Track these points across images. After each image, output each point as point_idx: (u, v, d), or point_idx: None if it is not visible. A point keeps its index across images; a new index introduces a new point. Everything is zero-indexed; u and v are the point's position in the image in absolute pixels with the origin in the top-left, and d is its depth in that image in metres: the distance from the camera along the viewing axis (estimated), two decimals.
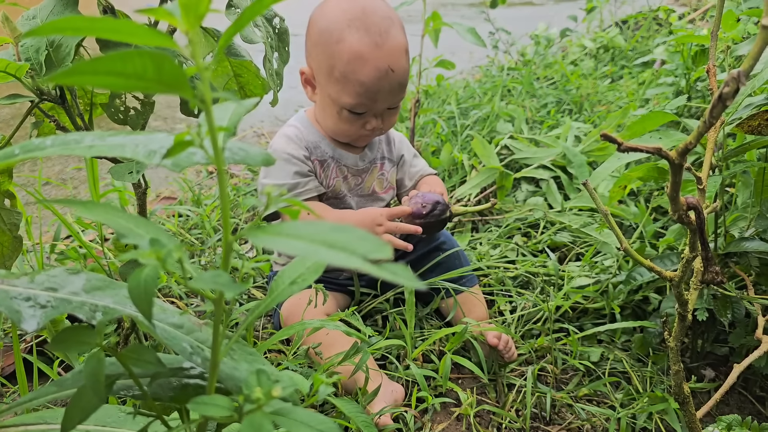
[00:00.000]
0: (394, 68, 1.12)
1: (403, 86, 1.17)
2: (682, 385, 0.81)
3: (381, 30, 1.11)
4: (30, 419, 0.51)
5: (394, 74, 1.13)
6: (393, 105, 1.19)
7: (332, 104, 1.18)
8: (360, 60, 1.10)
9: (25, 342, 1.14)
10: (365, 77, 1.11)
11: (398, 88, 1.15)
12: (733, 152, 1.04)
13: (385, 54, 1.11)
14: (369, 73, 1.11)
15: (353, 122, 1.19)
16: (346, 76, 1.11)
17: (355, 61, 1.10)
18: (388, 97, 1.15)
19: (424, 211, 1.16)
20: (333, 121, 1.21)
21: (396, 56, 1.13)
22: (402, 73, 1.14)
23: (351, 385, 1.03)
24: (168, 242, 0.36)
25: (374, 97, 1.14)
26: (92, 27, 0.32)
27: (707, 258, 0.60)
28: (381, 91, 1.13)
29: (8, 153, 0.40)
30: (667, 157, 0.51)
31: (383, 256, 0.30)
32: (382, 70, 1.11)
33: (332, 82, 1.14)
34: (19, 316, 0.41)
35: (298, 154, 1.21)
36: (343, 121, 1.19)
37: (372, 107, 1.16)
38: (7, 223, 0.83)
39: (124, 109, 0.83)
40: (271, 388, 0.39)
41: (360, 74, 1.11)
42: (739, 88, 0.42)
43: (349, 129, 1.21)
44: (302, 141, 1.23)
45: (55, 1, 0.77)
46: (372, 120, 1.19)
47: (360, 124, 1.19)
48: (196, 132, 0.35)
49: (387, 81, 1.12)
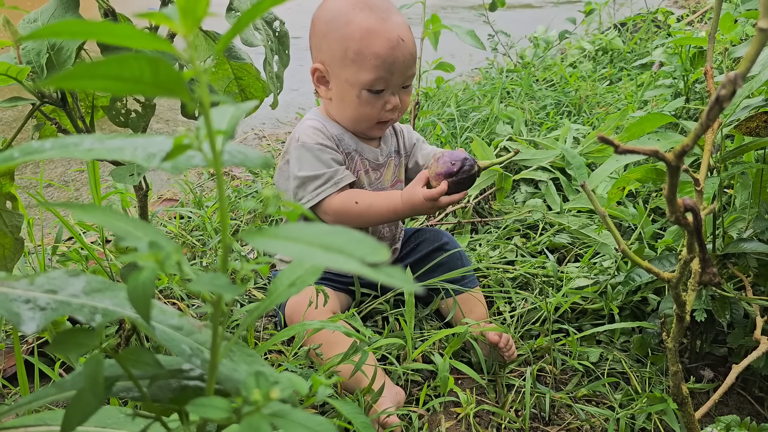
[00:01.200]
0: (404, 38, 1.17)
1: (415, 57, 1.21)
2: (680, 385, 0.81)
3: (383, 8, 1.18)
4: (31, 421, 0.51)
5: (405, 43, 1.17)
6: (407, 80, 1.22)
7: (351, 89, 1.19)
8: (371, 34, 1.15)
9: (27, 343, 1.14)
10: (379, 48, 1.15)
11: (411, 59, 1.19)
12: (731, 154, 1.04)
13: (393, 26, 1.17)
14: (382, 44, 1.15)
15: (374, 103, 1.20)
16: (361, 53, 1.15)
17: (367, 36, 1.15)
18: (403, 68, 1.18)
19: (454, 169, 1.14)
20: (353, 108, 1.22)
21: (403, 28, 1.18)
22: (411, 43, 1.19)
23: (352, 386, 1.04)
24: (167, 245, 0.36)
25: (390, 68, 1.16)
26: (91, 31, 0.33)
27: (704, 259, 0.60)
28: (396, 62, 1.16)
29: (8, 156, 0.41)
30: (664, 159, 0.51)
31: (380, 259, 0.31)
32: (393, 40, 1.15)
33: (348, 65, 1.17)
34: (19, 318, 0.41)
35: (330, 144, 1.22)
36: (364, 103, 1.20)
37: (390, 81, 1.18)
38: (8, 225, 0.84)
39: (125, 111, 0.83)
40: (270, 389, 0.39)
41: (374, 46, 1.15)
42: (735, 91, 0.43)
43: (371, 112, 1.21)
44: (328, 132, 1.23)
45: (56, 5, 0.78)
46: (391, 98, 1.21)
47: (380, 104, 1.20)
48: (194, 135, 0.35)
49: (400, 51, 1.16)
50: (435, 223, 1.70)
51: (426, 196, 1.14)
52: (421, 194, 1.14)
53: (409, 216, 1.22)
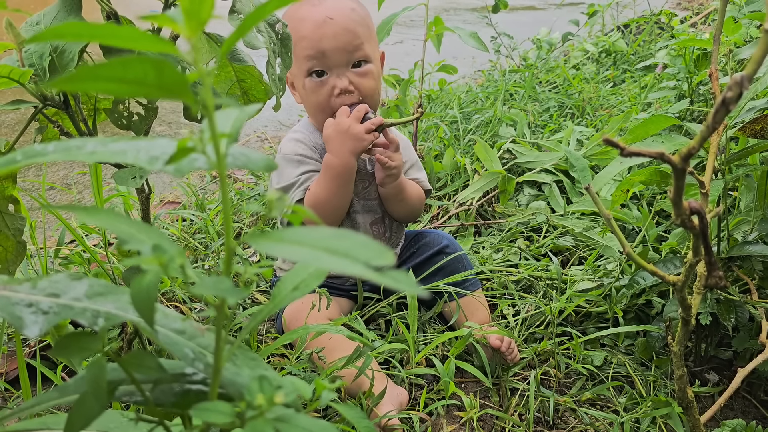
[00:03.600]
0: (332, 16, 1.14)
1: (352, 33, 1.16)
2: (686, 389, 0.81)
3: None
4: (33, 425, 0.51)
5: (333, 21, 1.14)
6: (351, 58, 1.17)
7: (299, 84, 1.19)
8: (300, 21, 1.15)
9: (29, 347, 1.14)
10: (305, 30, 1.14)
11: (344, 33, 1.15)
12: (735, 156, 1.04)
13: (322, 9, 1.15)
14: (307, 26, 1.14)
15: (318, 90, 1.18)
16: (295, 43, 1.11)
17: (297, 24, 1.14)
18: (336, 45, 1.14)
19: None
20: (307, 103, 1.22)
21: (335, 9, 1.16)
22: (344, 20, 1.15)
23: (355, 389, 1.03)
24: (170, 248, 0.36)
25: (319, 47, 1.14)
26: (94, 33, 0.32)
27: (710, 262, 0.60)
28: (324, 39, 1.13)
29: (11, 159, 0.40)
30: (670, 161, 0.51)
31: (386, 262, 0.30)
32: (319, 21, 1.14)
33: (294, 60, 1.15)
34: (21, 322, 0.41)
35: (311, 154, 1.22)
36: (310, 92, 1.19)
37: (326, 63, 1.16)
38: (11, 228, 0.83)
39: (127, 114, 0.83)
40: (274, 394, 0.39)
41: (301, 30, 1.14)
42: (742, 93, 0.42)
43: (318, 99, 1.19)
44: (310, 143, 1.23)
45: (59, 8, 0.77)
46: (336, 81, 1.17)
47: (327, 91, 1.17)
48: (198, 138, 0.35)
49: (328, 28, 1.14)
50: (438, 225, 1.70)
51: (352, 118, 1.14)
52: (329, 122, 1.17)
53: (348, 158, 1.15)
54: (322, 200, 1.17)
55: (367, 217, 1.29)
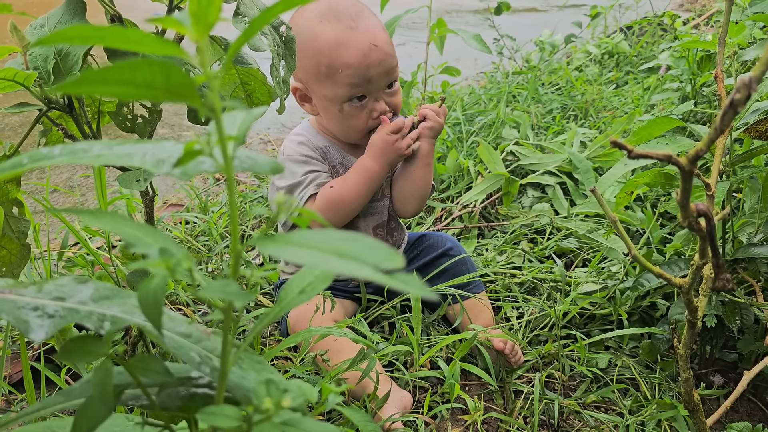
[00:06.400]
0: (376, 42, 1.13)
1: (392, 57, 1.16)
2: (692, 392, 0.81)
3: (352, 15, 1.13)
4: (38, 429, 0.51)
5: (378, 48, 1.13)
6: (389, 83, 1.18)
7: (332, 105, 1.17)
8: (340, 46, 1.11)
9: (33, 350, 1.14)
10: (350, 59, 1.11)
11: (388, 59, 1.15)
12: (740, 158, 1.04)
13: (362, 33, 1.12)
14: (353, 54, 1.11)
15: (358, 115, 1.18)
16: (333, 66, 1.11)
17: (336, 48, 1.11)
18: (381, 72, 1.14)
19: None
20: (338, 123, 1.20)
21: (374, 32, 1.14)
22: (385, 45, 1.14)
23: (359, 392, 1.03)
24: (177, 251, 0.36)
25: (366, 75, 1.13)
26: (101, 36, 0.32)
27: (718, 265, 0.60)
28: (371, 67, 1.13)
29: (17, 162, 0.40)
30: (677, 164, 0.50)
31: (395, 265, 0.30)
32: (364, 48, 1.11)
33: (323, 81, 1.14)
34: (27, 326, 0.41)
35: (315, 155, 1.21)
36: (348, 117, 1.18)
37: (369, 88, 1.15)
38: (15, 231, 0.83)
39: (131, 117, 0.83)
40: (281, 398, 0.38)
41: (345, 58, 1.11)
42: (750, 94, 0.42)
43: (357, 123, 1.19)
44: (313, 145, 1.23)
45: (63, 11, 0.77)
46: (375, 105, 1.17)
47: (365, 114, 1.18)
48: (205, 141, 0.35)
49: (374, 56, 1.12)
50: (441, 228, 1.70)
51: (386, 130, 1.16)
52: (376, 132, 1.17)
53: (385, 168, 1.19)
54: (347, 199, 1.18)
55: (370, 221, 1.29)
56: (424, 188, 1.27)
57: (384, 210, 1.29)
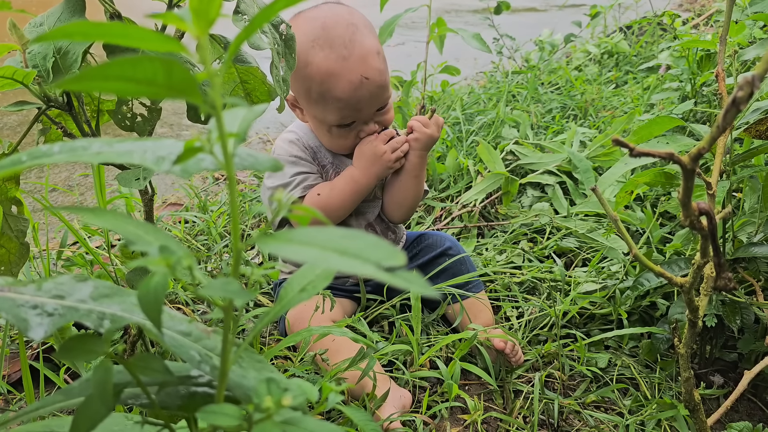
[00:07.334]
0: (368, 75, 1.11)
1: (384, 87, 1.15)
2: (692, 392, 0.81)
3: (345, 41, 1.09)
4: (37, 428, 0.51)
5: (369, 81, 1.11)
6: (380, 107, 1.18)
7: (321, 124, 1.18)
8: (331, 77, 1.09)
9: (32, 349, 1.13)
10: (341, 92, 1.10)
11: (378, 91, 1.14)
12: (740, 157, 1.04)
13: (355, 64, 1.10)
14: (344, 87, 1.10)
15: (346, 135, 1.19)
16: (323, 96, 1.11)
17: (327, 80, 1.09)
18: (371, 102, 1.15)
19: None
20: (327, 139, 1.22)
21: (367, 63, 1.11)
22: (377, 76, 1.12)
23: (358, 391, 1.03)
24: (177, 250, 0.36)
25: (357, 106, 1.13)
26: (101, 32, 0.32)
27: (719, 264, 0.60)
28: (361, 100, 1.12)
29: (16, 160, 0.40)
30: (679, 162, 0.50)
31: (397, 263, 0.30)
32: (355, 82, 1.10)
33: (313, 104, 1.15)
34: (26, 324, 0.41)
35: (304, 156, 1.22)
36: (336, 137, 1.19)
37: (358, 116, 1.16)
38: (14, 230, 0.83)
39: (131, 115, 0.83)
40: (281, 397, 0.38)
41: (335, 91, 1.10)
42: (753, 93, 0.42)
43: (345, 142, 1.21)
44: (303, 144, 1.23)
45: (63, 9, 0.77)
46: (364, 127, 1.18)
47: (354, 134, 1.19)
48: (206, 138, 0.35)
49: (364, 89, 1.11)
50: (441, 227, 1.69)
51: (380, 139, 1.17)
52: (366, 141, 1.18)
53: (372, 180, 1.20)
54: (332, 208, 1.19)
55: (362, 220, 1.30)
56: (412, 199, 1.28)
57: (376, 210, 1.30)
